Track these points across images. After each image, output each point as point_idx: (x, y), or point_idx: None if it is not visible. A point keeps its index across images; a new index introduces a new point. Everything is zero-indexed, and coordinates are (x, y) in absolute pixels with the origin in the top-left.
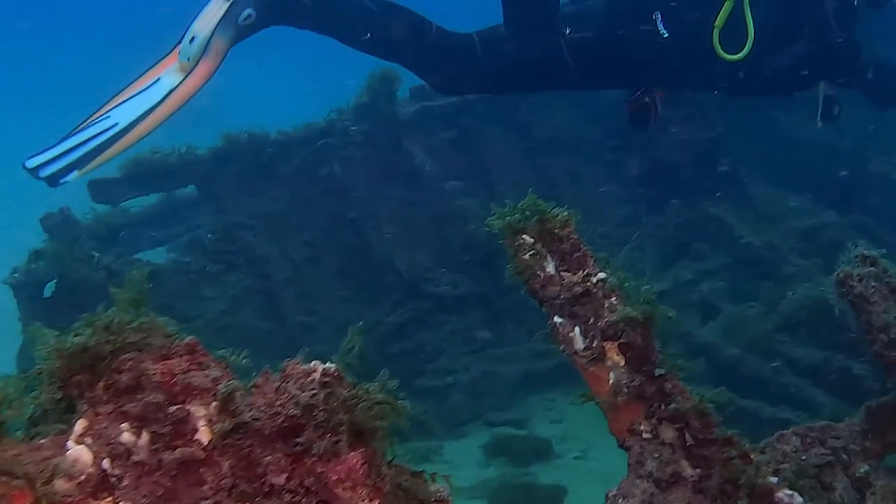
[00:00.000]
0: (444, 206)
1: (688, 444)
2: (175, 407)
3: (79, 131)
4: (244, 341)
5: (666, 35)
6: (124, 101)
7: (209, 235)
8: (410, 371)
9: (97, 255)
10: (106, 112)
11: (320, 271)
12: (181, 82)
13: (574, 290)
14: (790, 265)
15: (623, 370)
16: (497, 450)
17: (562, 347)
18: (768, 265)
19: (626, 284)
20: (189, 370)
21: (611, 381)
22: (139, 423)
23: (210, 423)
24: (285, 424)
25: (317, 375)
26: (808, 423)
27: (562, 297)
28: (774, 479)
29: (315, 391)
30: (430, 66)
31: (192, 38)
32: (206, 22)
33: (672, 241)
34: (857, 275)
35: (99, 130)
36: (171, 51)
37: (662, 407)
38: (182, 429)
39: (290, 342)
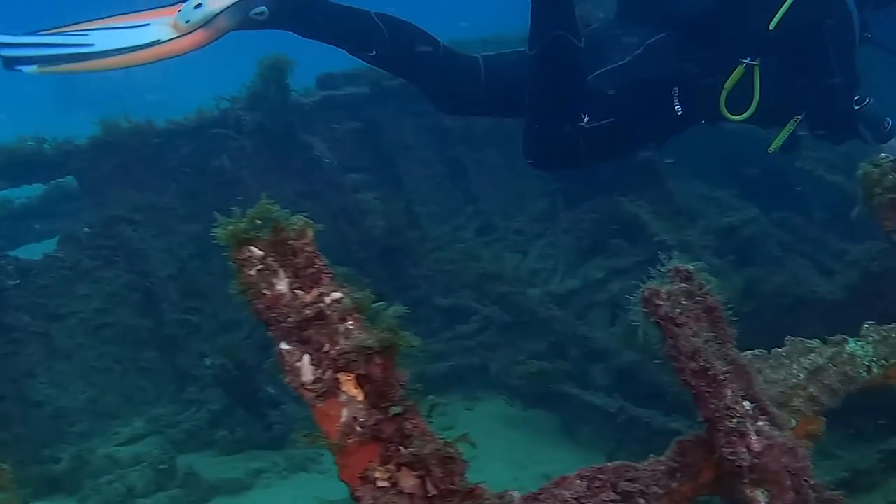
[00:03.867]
0: (341, 199)
1: (430, 494)
2: None
3: (54, 35)
4: (120, 340)
5: (681, 112)
6: (108, 28)
7: (86, 229)
8: None
9: None
10: (87, 29)
11: (207, 268)
12: (170, 39)
13: (304, 312)
14: (702, 264)
15: (359, 406)
16: None
17: (287, 379)
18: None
19: (371, 305)
20: None
21: (342, 420)
22: None
23: None
24: None
25: None
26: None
27: (290, 319)
28: None
29: None
30: (432, 86)
31: (198, 5)
32: None
33: (587, 237)
34: (666, 292)
35: (74, 42)
36: (174, 4)
37: (401, 450)
38: None
39: (169, 342)
